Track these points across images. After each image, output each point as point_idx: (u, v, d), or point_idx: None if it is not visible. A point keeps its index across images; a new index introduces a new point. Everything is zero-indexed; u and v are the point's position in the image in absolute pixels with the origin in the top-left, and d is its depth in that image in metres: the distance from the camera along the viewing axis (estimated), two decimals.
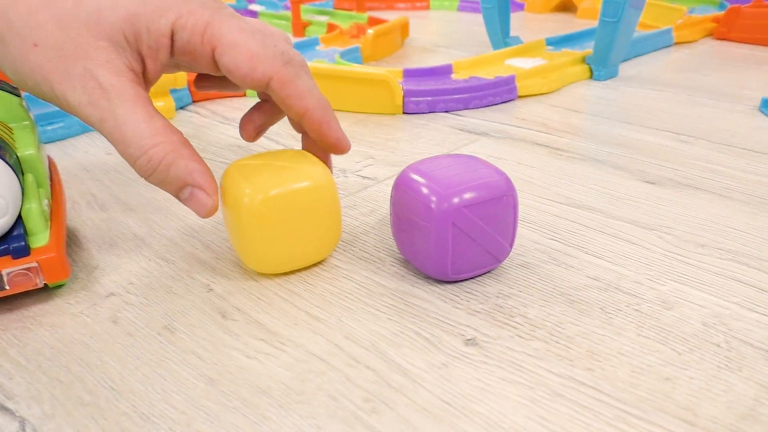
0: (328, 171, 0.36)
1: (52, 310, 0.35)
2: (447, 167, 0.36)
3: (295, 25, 1.09)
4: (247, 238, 0.36)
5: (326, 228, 0.37)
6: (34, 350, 0.32)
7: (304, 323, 0.33)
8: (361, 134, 0.61)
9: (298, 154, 0.38)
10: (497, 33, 0.87)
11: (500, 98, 0.69)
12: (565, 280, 0.36)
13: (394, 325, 0.33)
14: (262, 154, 0.39)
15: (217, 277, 0.38)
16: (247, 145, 0.59)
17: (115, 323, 0.34)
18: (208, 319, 0.34)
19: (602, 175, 0.50)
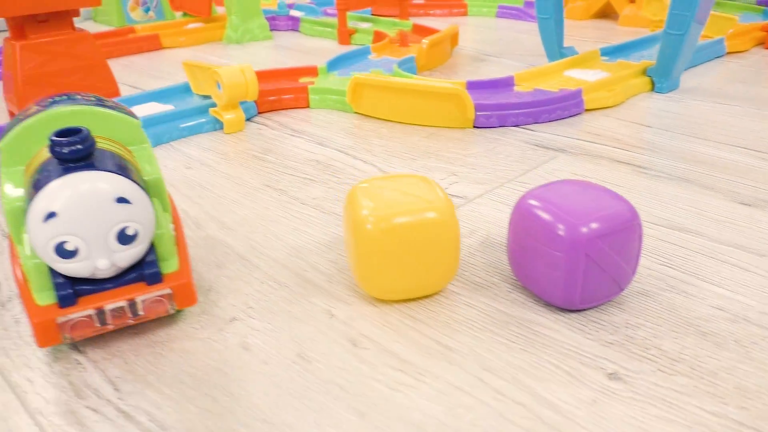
0: (451, 203, 0.36)
1: (178, 335, 0.35)
2: (570, 195, 0.36)
3: (341, 32, 1.09)
4: (367, 264, 0.36)
5: (445, 260, 0.37)
6: (173, 378, 0.32)
7: (437, 353, 0.33)
8: (437, 149, 0.61)
9: (422, 182, 0.38)
10: (553, 43, 0.87)
11: (568, 112, 0.69)
12: (690, 310, 0.36)
13: (529, 356, 0.33)
14: (386, 178, 0.39)
15: (335, 301, 0.38)
16: (324, 160, 0.59)
17: (246, 350, 0.34)
18: (338, 346, 0.34)
19: (693, 195, 0.50)
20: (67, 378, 0.32)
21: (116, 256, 0.32)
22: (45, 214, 0.30)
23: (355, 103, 0.71)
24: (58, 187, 0.30)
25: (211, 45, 1.13)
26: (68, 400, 0.31)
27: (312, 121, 0.70)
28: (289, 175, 0.56)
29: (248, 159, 0.60)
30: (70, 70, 0.70)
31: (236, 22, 1.11)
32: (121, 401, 0.31)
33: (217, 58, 1.03)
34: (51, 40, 0.69)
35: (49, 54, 0.69)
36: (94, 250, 0.31)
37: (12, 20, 0.67)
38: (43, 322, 0.31)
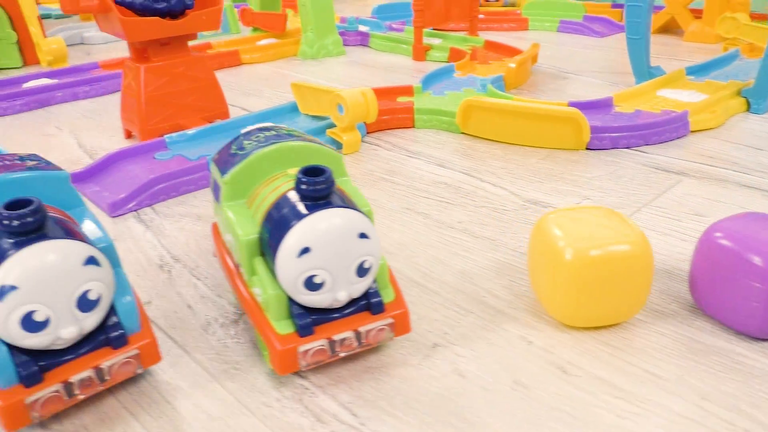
0: (644, 235, 0.38)
1: (390, 361, 0.37)
2: (758, 228, 0.38)
3: (417, 49, 1.11)
4: (563, 292, 0.38)
5: (638, 290, 0.38)
6: (403, 403, 0.34)
7: (648, 381, 0.35)
8: (558, 171, 0.62)
9: (611, 214, 0.39)
10: (642, 64, 0.88)
11: (675, 134, 0.70)
12: None
13: (741, 386, 0.34)
14: (573, 209, 0.40)
15: (526, 328, 0.39)
16: (451, 182, 0.61)
17: (462, 376, 0.35)
18: (548, 374, 0.35)
19: None
20: (302, 403, 0.34)
21: (353, 288, 0.34)
22: (300, 250, 0.32)
23: (464, 124, 0.73)
24: (311, 224, 0.32)
25: (286, 61, 1.15)
26: (312, 425, 0.32)
27: (422, 142, 0.72)
28: (424, 198, 0.58)
29: (377, 180, 0.62)
30: (188, 91, 0.73)
31: (312, 38, 1.14)
32: (364, 426, 0.32)
33: (297, 74, 1.06)
34: (171, 63, 0.71)
35: (169, 75, 0.71)
36: (338, 283, 0.33)
37: (137, 44, 0.69)
38: (286, 351, 0.33)
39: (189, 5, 0.69)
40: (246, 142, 0.38)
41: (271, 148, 0.36)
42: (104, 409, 0.34)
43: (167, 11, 0.68)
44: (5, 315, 0.29)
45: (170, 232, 0.53)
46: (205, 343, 0.39)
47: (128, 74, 0.72)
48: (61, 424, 0.33)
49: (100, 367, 0.32)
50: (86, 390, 0.32)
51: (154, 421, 0.33)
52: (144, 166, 0.63)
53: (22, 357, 0.31)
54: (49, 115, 0.87)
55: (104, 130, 0.80)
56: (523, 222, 0.53)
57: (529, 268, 0.41)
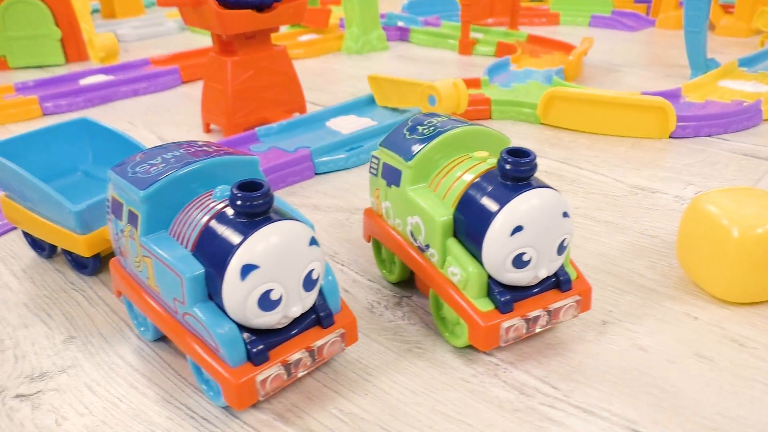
0: None
1: (567, 338, 0.38)
2: None
3: (463, 43, 1.12)
4: (729, 269, 0.39)
5: None
6: (598, 376, 0.35)
7: None
8: (653, 159, 0.64)
9: (761, 193, 0.41)
10: (700, 56, 0.90)
11: (750, 123, 0.72)
12: None
13: None
14: (728, 190, 0.42)
15: (686, 305, 0.41)
16: (554, 170, 0.62)
17: (644, 351, 0.37)
18: (726, 347, 0.37)
19: None
20: (498, 377, 0.35)
21: (553, 265, 0.35)
22: (513, 228, 0.33)
23: (544, 115, 0.74)
24: (522, 203, 0.33)
25: (332, 56, 1.16)
26: (519, 399, 0.34)
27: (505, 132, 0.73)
28: None
29: None
30: (270, 85, 0.73)
31: (357, 33, 1.14)
32: (568, 398, 0.33)
33: (346, 68, 1.06)
34: (257, 56, 0.71)
35: (254, 69, 0.71)
36: (542, 261, 0.34)
37: (224, 37, 0.70)
38: (490, 328, 0.34)
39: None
40: (420, 128, 0.39)
41: (456, 131, 0.38)
42: (308, 389, 0.35)
43: (258, 3, 0.68)
44: (246, 293, 0.30)
45: None
46: (377, 324, 0.40)
47: (211, 68, 0.72)
48: (271, 404, 0.34)
49: (312, 347, 0.33)
50: (302, 368, 0.33)
51: (361, 399, 0.34)
52: None
53: (252, 336, 0.31)
54: (114, 111, 0.87)
55: (178, 124, 0.80)
56: (637, 207, 0.54)
57: (681, 248, 0.43)
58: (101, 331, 0.40)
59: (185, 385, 0.35)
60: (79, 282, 0.46)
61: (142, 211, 0.33)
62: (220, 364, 0.31)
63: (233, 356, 0.31)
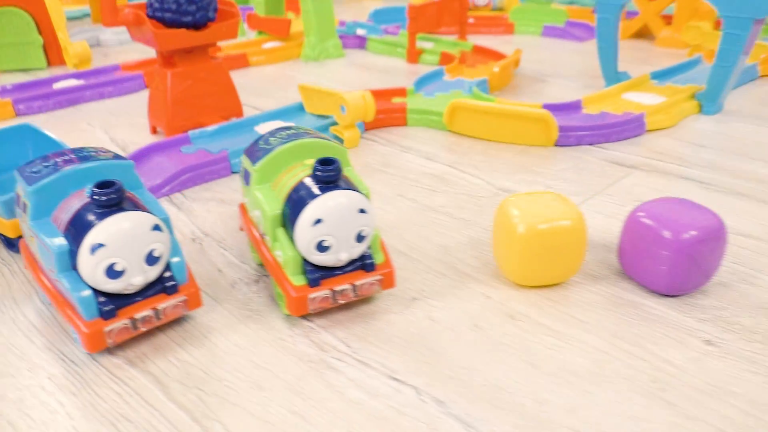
0: (581, 214, 0.48)
1: (378, 310, 0.47)
2: (674, 209, 0.48)
3: (410, 52, 1.21)
4: (516, 258, 0.48)
5: (576, 257, 0.49)
6: (387, 339, 0.44)
7: (575, 325, 0.45)
8: (529, 164, 0.73)
9: (558, 197, 0.50)
10: (611, 69, 0.98)
11: (633, 133, 0.81)
12: (760, 297, 0.48)
13: (644, 328, 0.45)
14: (530, 194, 0.50)
15: (487, 287, 0.50)
16: (438, 173, 0.71)
17: (433, 321, 0.46)
18: (501, 320, 0.46)
19: (754, 209, 0.62)
20: (308, 338, 0.45)
21: (353, 251, 0.44)
22: (314, 220, 0.42)
23: (450, 123, 0.83)
24: (323, 201, 0.42)
25: (290, 63, 1.25)
26: (316, 353, 0.43)
27: (413, 138, 0.82)
28: (413, 186, 0.68)
29: (373, 172, 0.72)
30: (208, 93, 0.83)
31: (314, 41, 1.24)
32: (355, 353, 0.43)
33: (301, 75, 1.16)
34: (195, 68, 0.81)
35: (192, 79, 0.81)
36: (342, 247, 0.43)
37: (164, 52, 0.79)
38: (299, 298, 0.44)
39: (211, 18, 0.79)
40: (271, 139, 0.49)
41: (291, 144, 0.47)
42: (158, 343, 0.45)
43: (193, 24, 0.78)
44: (94, 265, 0.39)
45: (199, 213, 0.63)
46: (232, 297, 0.50)
47: (156, 78, 0.82)
48: (125, 352, 0.44)
49: (157, 308, 0.43)
50: (146, 324, 0.43)
51: (196, 350, 0.44)
52: (172, 158, 0.74)
53: (102, 298, 0.41)
54: (79, 113, 0.97)
55: (132, 126, 0.90)
56: (493, 206, 0.63)
57: (493, 241, 0.52)
58: (14, 295, 0.50)
59: (65, 336, 0.45)
60: (8, 258, 0.56)
61: (30, 202, 0.43)
62: (78, 318, 0.41)
63: (87, 313, 0.40)
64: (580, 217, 0.48)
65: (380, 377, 0.41)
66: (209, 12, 0.78)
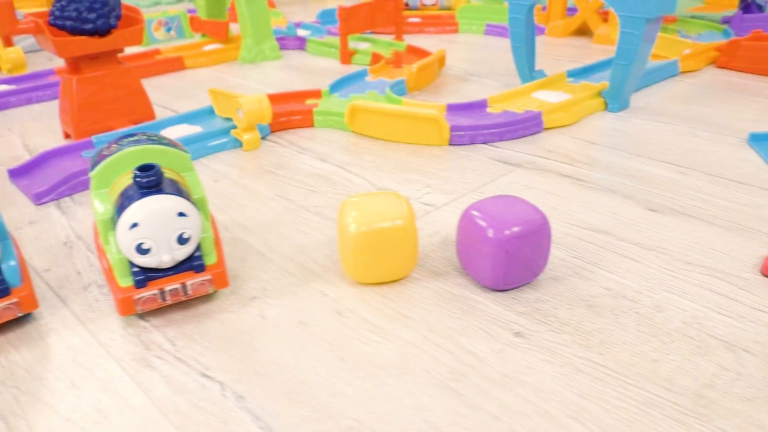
0: (413, 214, 0.50)
1: (216, 309, 0.49)
2: (500, 206, 0.50)
3: (343, 54, 1.22)
4: (351, 257, 0.50)
5: (408, 254, 0.50)
6: (212, 337, 0.46)
7: (398, 320, 0.47)
8: (417, 164, 0.75)
9: (395, 197, 0.51)
10: (525, 68, 1.00)
11: (529, 131, 0.82)
12: (584, 290, 0.49)
13: (462, 321, 0.46)
14: (368, 194, 0.52)
15: (328, 285, 0.52)
16: (325, 174, 0.73)
17: (263, 318, 0.48)
18: (329, 316, 0.48)
19: (614, 203, 0.63)
20: (138, 337, 0.46)
21: (176, 253, 0.46)
22: (130, 224, 0.44)
23: (351, 124, 0.85)
24: (139, 206, 0.44)
25: (227, 65, 1.27)
26: (141, 352, 0.45)
27: (315, 140, 0.84)
28: (296, 187, 0.70)
29: (264, 173, 0.74)
30: (116, 98, 0.85)
31: (250, 44, 1.25)
32: (177, 351, 0.45)
33: (234, 77, 1.18)
34: (101, 74, 0.83)
35: (99, 85, 0.83)
36: (162, 249, 0.45)
37: (70, 58, 0.81)
38: (124, 299, 0.45)
39: (113, 25, 0.81)
40: (114, 146, 0.50)
41: (128, 150, 0.49)
42: None
43: (94, 31, 0.80)
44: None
45: (80, 216, 0.65)
46: (82, 299, 0.51)
47: (63, 84, 0.84)
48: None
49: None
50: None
51: (29, 351, 0.46)
52: (71, 163, 0.75)
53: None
54: (5, 118, 0.99)
55: (48, 131, 0.92)
56: None
57: (337, 240, 0.54)
58: None
59: None
60: None
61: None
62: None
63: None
64: (411, 217, 0.50)
65: (192, 374, 0.43)
66: (110, 19, 0.80)
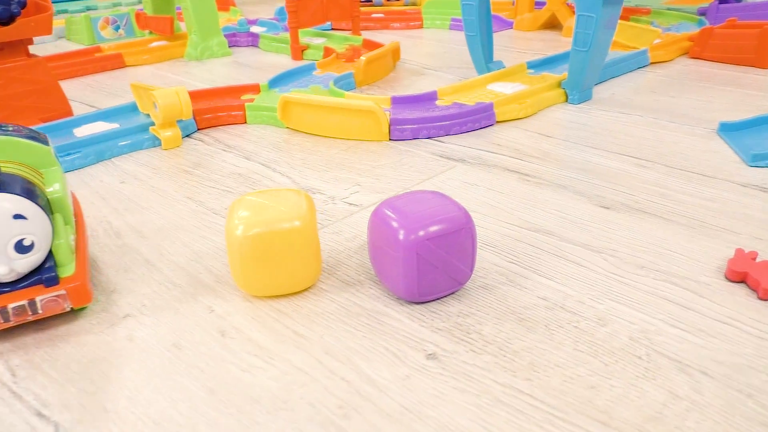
0: (313, 214, 0.42)
1: (77, 330, 0.41)
2: (415, 203, 0.42)
3: (294, 48, 1.15)
4: (239, 265, 0.42)
5: (309, 261, 0.43)
6: (63, 365, 0.38)
7: (290, 340, 0.39)
8: (351, 161, 0.67)
9: (295, 195, 0.44)
10: (480, 58, 0.93)
11: (479, 124, 0.75)
12: (517, 300, 0.42)
13: (367, 341, 0.39)
14: (266, 191, 0.44)
15: (217, 299, 0.44)
16: (246, 173, 0.65)
17: (131, 341, 0.40)
18: (209, 336, 0.40)
19: (563, 200, 0.56)
20: None
21: (16, 263, 0.38)
22: None
23: (285, 119, 0.77)
24: None
25: (172, 62, 1.19)
26: None
27: (245, 137, 0.76)
28: (209, 188, 0.62)
29: (178, 173, 0.66)
30: (25, 94, 0.77)
31: (196, 40, 1.18)
32: (15, 384, 0.37)
33: (175, 75, 1.10)
34: (6, 67, 0.75)
35: (4, 79, 0.75)
36: None
37: None
38: None
39: (16, 13, 0.73)
40: None
41: None
42: None
43: None
44: None
45: None
46: None
47: None
48: None
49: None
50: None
51: None
52: None
53: None
54: None
55: None
56: None
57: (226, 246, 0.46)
58: None
59: None
60: None
61: None
62: None
63: None
64: (311, 217, 0.42)
65: (25, 413, 0.34)
66: (11, 6, 0.72)
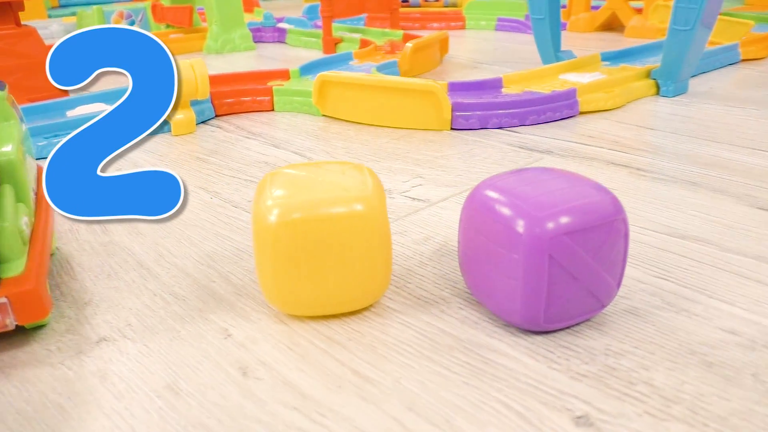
0: (379, 198, 0.28)
1: (26, 358, 0.27)
2: (534, 183, 0.28)
3: (326, 41, 1.03)
4: (271, 269, 0.28)
5: (371, 266, 0.28)
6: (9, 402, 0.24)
7: (350, 386, 0.25)
8: (405, 151, 0.53)
9: (351, 168, 0.30)
10: (548, 46, 0.79)
11: (560, 114, 0.61)
12: (692, 334, 0.27)
13: (471, 391, 0.24)
14: (310, 164, 0.31)
15: (237, 318, 0.30)
16: (275, 161, 0.52)
17: (103, 380, 0.26)
18: (224, 376, 0.26)
19: (701, 199, 0.42)
20: None
21: None
22: None
23: (321, 105, 0.64)
24: None
25: (190, 56, 1.07)
26: None
27: (273, 124, 0.63)
28: (228, 177, 0.49)
29: (189, 161, 0.53)
30: (15, 68, 0.64)
31: (216, 31, 1.06)
32: None
33: None
34: None
35: None
36: None
37: None
38: None
39: None
40: None
41: None
42: None
43: None
44: None
45: None
46: None
47: None
48: None
49: None
50: None
51: None
52: None
53: None
54: None
55: None
56: None
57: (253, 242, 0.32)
58: None
59: None
60: None
61: None
62: None
63: None
64: (377, 202, 0.28)
65: None
66: None
